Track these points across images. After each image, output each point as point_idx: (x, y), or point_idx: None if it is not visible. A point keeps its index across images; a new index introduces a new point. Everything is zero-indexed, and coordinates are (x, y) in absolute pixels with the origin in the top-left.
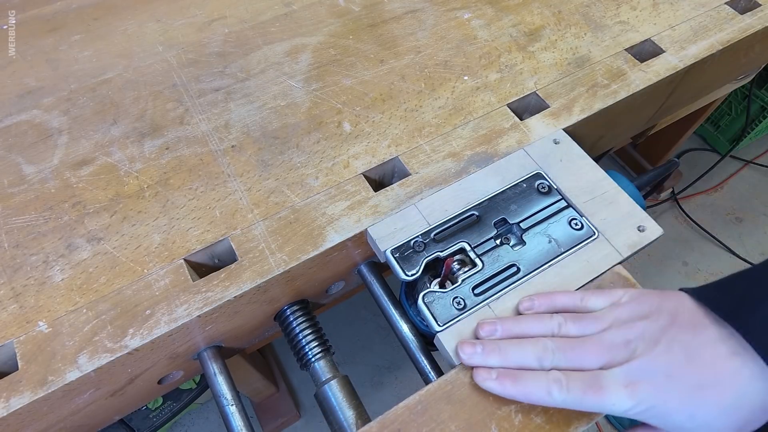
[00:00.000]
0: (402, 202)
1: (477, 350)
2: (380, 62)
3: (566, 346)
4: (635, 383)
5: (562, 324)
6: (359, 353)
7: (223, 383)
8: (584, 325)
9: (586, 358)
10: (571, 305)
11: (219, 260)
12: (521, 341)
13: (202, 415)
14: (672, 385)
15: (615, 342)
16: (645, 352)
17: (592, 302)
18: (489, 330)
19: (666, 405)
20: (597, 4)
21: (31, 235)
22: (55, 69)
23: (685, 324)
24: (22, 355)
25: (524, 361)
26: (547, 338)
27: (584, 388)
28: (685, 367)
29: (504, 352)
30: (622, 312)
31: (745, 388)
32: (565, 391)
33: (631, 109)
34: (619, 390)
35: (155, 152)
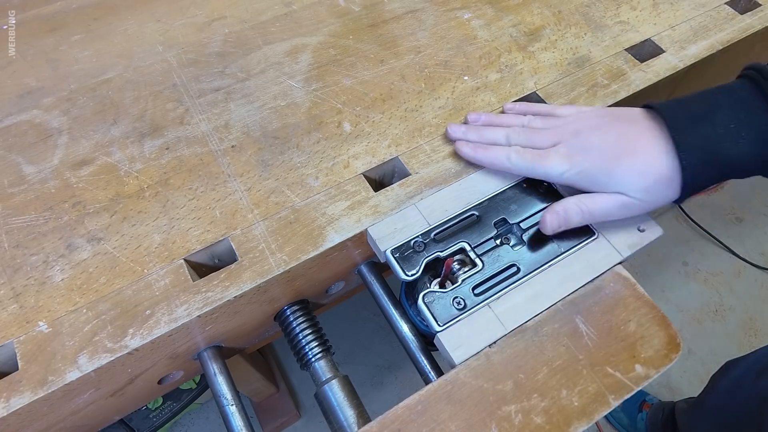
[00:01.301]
0: (402, 202)
1: (461, 128)
2: (380, 62)
3: (529, 131)
4: (571, 155)
5: (531, 120)
6: (359, 353)
7: (223, 383)
8: (548, 121)
9: (542, 140)
10: (544, 111)
11: (219, 260)
12: (496, 127)
13: (202, 415)
14: (599, 154)
15: (566, 131)
16: (584, 135)
17: (560, 111)
18: (474, 116)
19: (592, 168)
20: (597, 4)
21: (31, 235)
22: (55, 69)
23: (626, 119)
24: (22, 355)
25: (494, 137)
26: (517, 126)
27: (534, 157)
28: (612, 143)
29: (481, 132)
30: (580, 116)
31: (655, 158)
32: (520, 158)
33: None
34: (559, 158)
35: (155, 152)
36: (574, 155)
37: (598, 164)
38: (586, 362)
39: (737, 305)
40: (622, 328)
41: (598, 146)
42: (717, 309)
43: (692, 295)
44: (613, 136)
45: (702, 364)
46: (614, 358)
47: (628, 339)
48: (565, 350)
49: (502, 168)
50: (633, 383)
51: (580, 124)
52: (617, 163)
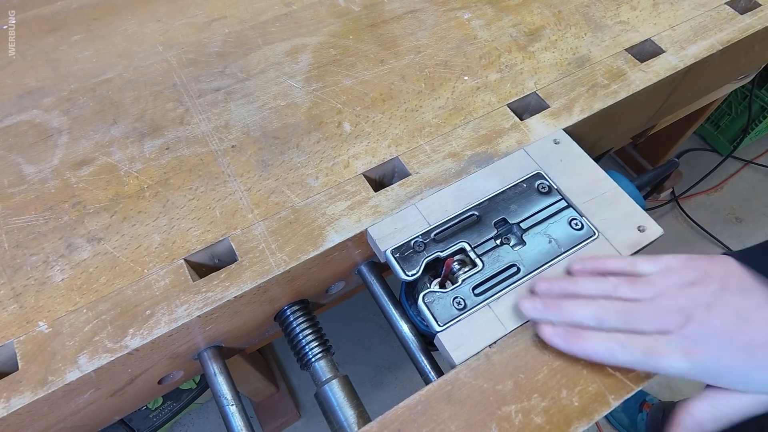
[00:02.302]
0: (402, 202)
1: (537, 305)
2: (380, 62)
3: (623, 308)
4: (690, 348)
5: (617, 286)
6: (359, 353)
7: (223, 383)
8: (638, 288)
9: (642, 321)
10: (621, 269)
11: (219, 260)
12: (579, 300)
13: (202, 415)
14: (725, 346)
15: (669, 308)
16: (698, 318)
17: (642, 267)
18: (546, 287)
19: (720, 365)
20: (597, 4)
21: (31, 235)
22: (55, 69)
23: (735, 288)
24: (23, 355)
25: (583, 320)
26: (603, 299)
27: (645, 351)
28: (736, 327)
29: (563, 308)
30: (674, 278)
31: None
32: (627, 353)
33: (631, 109)
34: (675, 354)
35: (155, 152)
36: (692, 347)
37: (727, 361)
38: (586, 362)
39: None
40: None
41: (720, 335)
42: None
43: None
44: (733, 317)
45: None
46: None
47: None
48: None
49: (603, 362)
50: (633, 383)
51: (681, 298)
52: (754, 358)
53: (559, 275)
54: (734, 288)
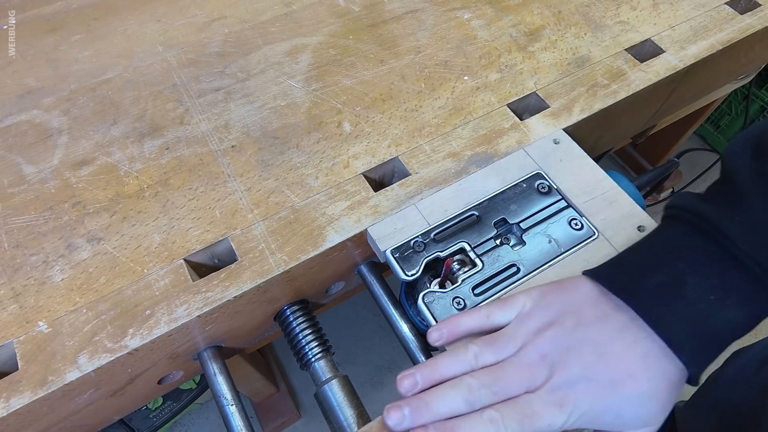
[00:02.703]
0: (402, 202)
1: (405, 413)
2: (380, 62)
3: (489, 379)
4: (561, 398)
5: (478, 354)
6: (359, 353)
7: (223, 383)
8: (498, 349)
9: (511, 386)
10: (477, 327)
11: (219, 260)
12: (444, 388)
13: (202, 415)
14: (591, 388)
15: (532, 360)
16: (560, 364)
17: (497, 317)
18: (408, 385)
19: (593, 409)
20: (597, 4)
21: (31, 235)
22: (55, 69)
23: (590, 319)
24: (22, 355)
25: (454, 408)
26: (467, 376)
27: (520, 420)
28: (598, 366)
29: (431, 405)
30: (530, 323)
31: (656, 370)
32: (503, 430)
33: (631, 109)
34: (550, 409)
35: (155, 152)
36: (562, 398)
37: (594, 403)
38: None
39: None
40: None
41: (582, 376)
42: None
43: None
44: (592, 355)
45: None
46: None
47: None
48: None
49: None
50: None
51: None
52: (620, 395)
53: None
54: (589, 320)
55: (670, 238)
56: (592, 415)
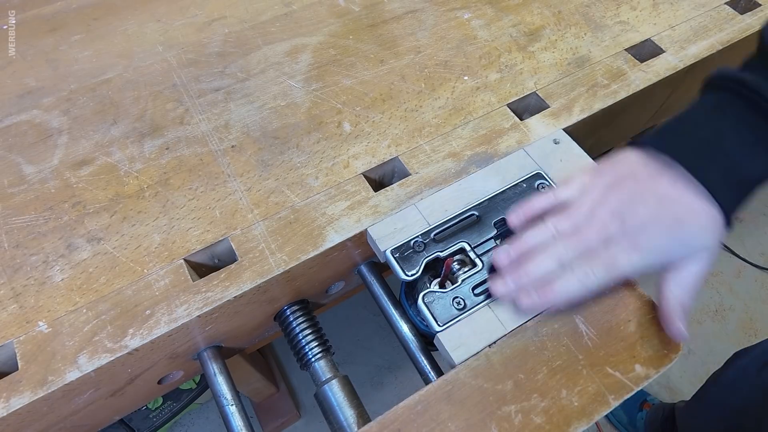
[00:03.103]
0: (402, 202)
1: (507, 281)
2: (380, 62)
3: (571, 240)
4: (636, 242)
5: (556, 224)
6: (359, 353)
7: (223, 383)
8: (572, 217)
9: (591, 241)
10: (548, 204)
11: (219, 260)
12: (536, 254)
13: (202, 415)
14: (661, 227)
15: (604, 217)
16: (629, 214)
17: (563, 194)
18: (504, 257)
19: (664, 244)
20: (597, 4)
21: (31, 235)
22: (55, 69)
23: (645, 177)
24: (22, 355)
25: (547, 269)
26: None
27: (606, 267)
28: (662, 209)
29: (528, 270)
30: (594, 191)
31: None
32: (594, 277)
33: (631, 109)
34: (628, 253)
35: (155, 152)
36: (636, 242)
37: (666, 238)
38: (586, 362)
39: (737, 305)
40: (622, 328)
41: (650, 220)
42: (717, 309)
43: None
44: (653, 202)
45: (702, 364)
46: (614, 358)
47: (628, 339)
48: (565, 350)
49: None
50: (633, 383)
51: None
52: (682, 228)
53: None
54: (644, 177)
55: (711, 103)
56: (664, 249)
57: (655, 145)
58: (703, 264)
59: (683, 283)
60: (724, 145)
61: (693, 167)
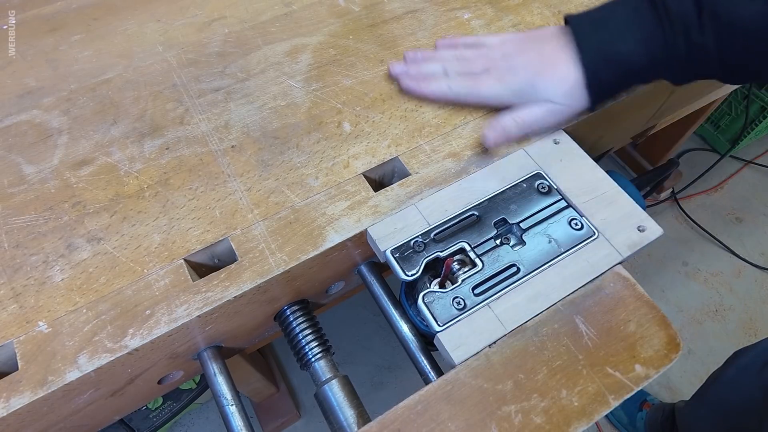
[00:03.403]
0: (402, 202)
1: (401, 65)
2: (380, 62)
3: (463, 61)
4: (501, 77)
5: (463, 51)
6: (359, 353)
7: (223, 383)
8: (478, 50)
9: (474, 65)
10: (471, 42)
11: (219, 260)
12: (433, 58)
13: (202, 415)
14: (525, 72)
15: (494, 55)
16: (513, 58)
17: (488, 39)
18: (412, 54)
19: (521, 84)
20: (597, 4)
21: (31, 235)
22: (55, 69)
23: (544, 39)
24: (22, 355)
25: (433, 70)
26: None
27: (471, 83)
28: (535, 60)
29: (420, 66)
30: (507, 42)
31: (570, 66)
32: (458, 86)
33: (631, 109)
34: (492, 81)
35: (155, 152)
36: (505, 76)
37: (524, 80)
38: (586, 362)
39: (737, 305)
40: (622, 328)
41: (523, 65)
42: (717, 309)
43: (692, 295)
44: (534, 53)
45: (702, 364)
46: (614, 358)
47: (628, 339)
48: (565, 350)
49: (444, 98)
50: (633, 383)
51: (505, 49)
52: (540, 76)
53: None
54: (545, 40)
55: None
56: (519, 89)
57: (570, 17)
58: (543, 111)
59: (516, 117)
60: (610, 23)
61: (579, 36)
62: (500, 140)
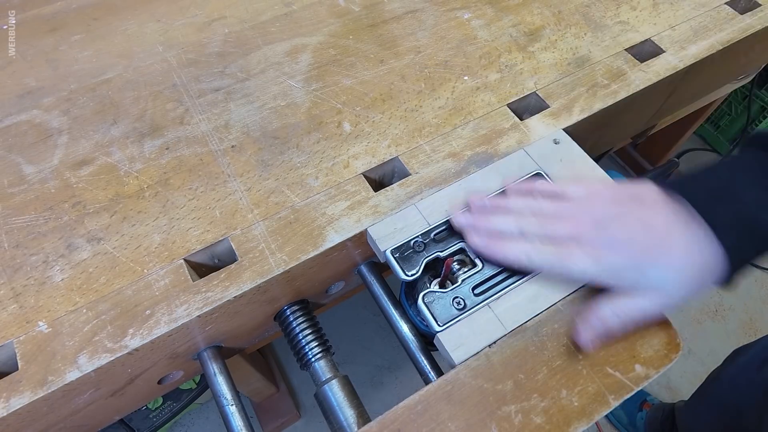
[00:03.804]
0: (402, 202)
1: (467, 216)
2: (380, 62)
3: (543, 220)
4: (596, 253)
5: (542, 204)
6: (359, 353)
7: (223, 383)
8: (560, 206)
9: (558, 230)
10: (550, 191)
11: (219, 260)
12: (505, 213)
13: (202, 415)
14: (627, 249)
15: (583, 219)
16: (608, 227)
17: (569, 190)
18: (479, 202)
19: (621, 265)
20: (597, 4)
21: (31, 235)
22: (55, 69)
23: (647, 203)
24: (22, 355)
25: (506, 228)
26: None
27: (557, 254)
28: (639, 233)
29: (490, 219)
30: (594, 198)
31: (692, 248)
32: (540, 257)
33: (631, 109)
34: (583, 256)
35: (155, 152)
36: (599, 251)
37: (628, 261)
38: (585, 362)
39: (737, 305)
40: None
41: (625, 240)
42: (717, 309)
43: None
44: (639, 226)
45: (702, 364)
46: (614, 358)
47: (628, 339)
48: (565, 350)
49: (520, 266)
50: (633, 383)
51: (597, 211)
52: (650, 258)
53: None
54: (646, 203)
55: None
56: (617, 271)
57: (673, 185)
58: (650, 305)
59: (618, 310)
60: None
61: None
62: (598, 341)
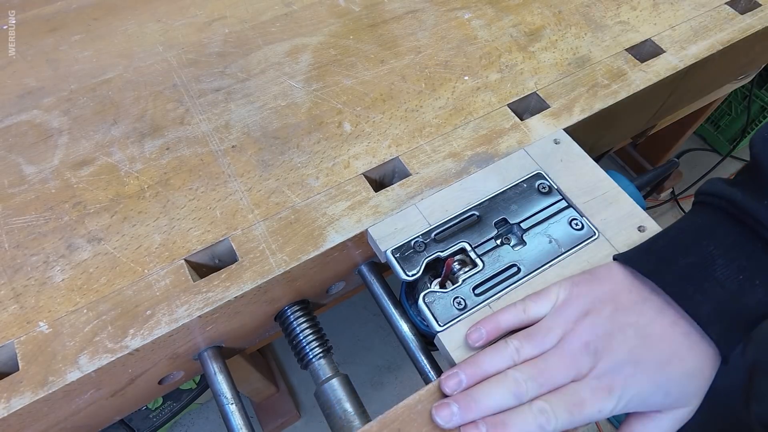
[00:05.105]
0: (402, 203)
1: (453, 410)
2: (380, 62)
3: (534, 371)
4: (609, 384)
5: (519, 348)
6: (359, 353)
7: (223, 382)
8: (539, 341)
9: (556, 376)
10: (516, 322)
11: (219, 260)
12: (490, 383)
13: (202, 415)
14: (639, 371)
15: (574, 349)
16: (603, 351)
17: (533, 310)
18: (454, 384)
19: (641, 391)
20: (597, 4)
21: (31, 236)
22: (55, 69)
23: (627, 304)
24: (23, 356)
25: (502, 403)
26: (512, 370)
27: (569, 408)
28: (642, 348)
29: (479, 401)
30: (567, 313)
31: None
32: (554, 420)
33: (631, 109)
34: (598, 396)
35: (155, 152)
36: (611, 383)
37: (646, 386)
38: None
39: None
40: None
41: (629, 360)
42: None
43: None
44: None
45: None
46: None
47: None
48: None
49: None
50: None
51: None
52: (668, 374)
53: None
54: (627, 305)
55: (699, 223)
56: (641, 397)
57: (640, 266)
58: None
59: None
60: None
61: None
62: None
